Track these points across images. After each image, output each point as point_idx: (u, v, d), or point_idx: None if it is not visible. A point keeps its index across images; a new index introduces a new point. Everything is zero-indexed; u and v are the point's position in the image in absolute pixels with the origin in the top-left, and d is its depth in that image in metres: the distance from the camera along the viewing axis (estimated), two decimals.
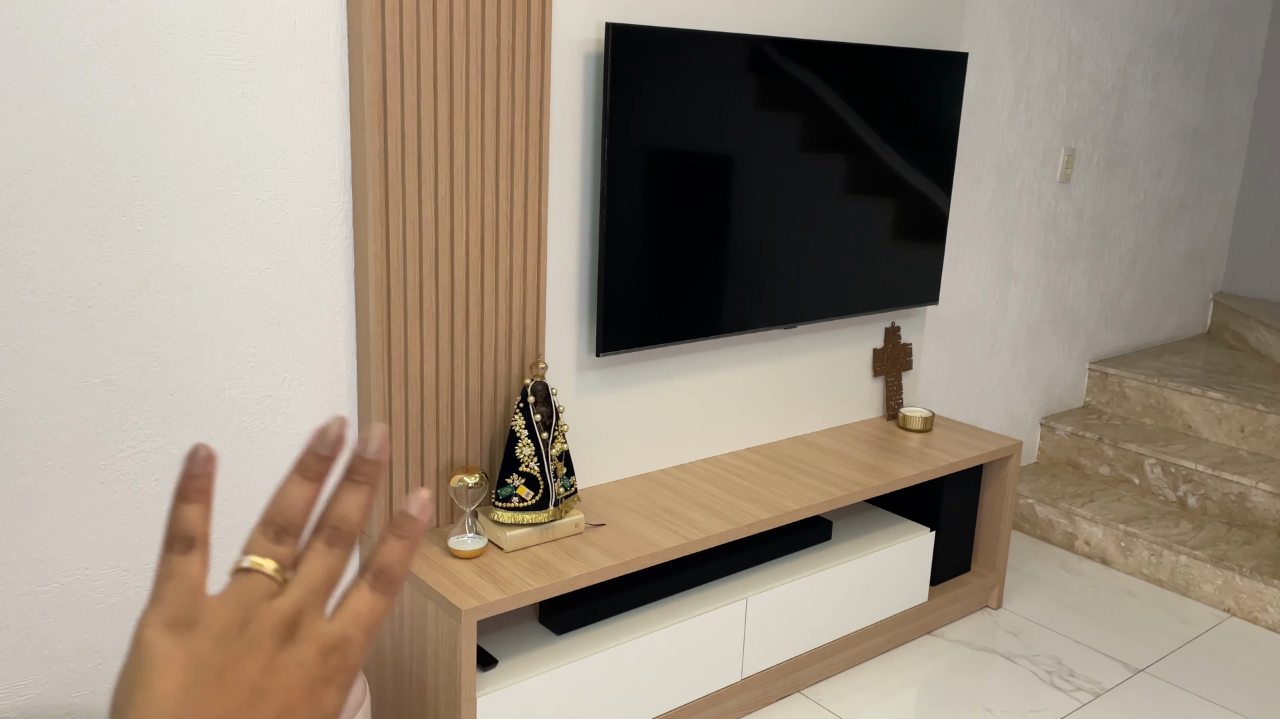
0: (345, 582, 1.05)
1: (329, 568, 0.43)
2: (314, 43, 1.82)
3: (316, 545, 0.43)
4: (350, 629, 0.43)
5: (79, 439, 1.72)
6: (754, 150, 2.37)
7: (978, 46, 3.06)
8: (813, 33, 2.54)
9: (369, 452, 0.44)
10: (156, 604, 0.42)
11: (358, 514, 0.44)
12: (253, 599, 0.42)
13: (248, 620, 0.41)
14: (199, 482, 0.43)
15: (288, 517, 0.44)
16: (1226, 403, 3.47)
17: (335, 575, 0.43)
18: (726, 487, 2.42)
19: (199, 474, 0.43)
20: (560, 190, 2.17)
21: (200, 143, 1.74)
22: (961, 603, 2.84)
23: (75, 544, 1.75)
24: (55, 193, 1.62)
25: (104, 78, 1.63)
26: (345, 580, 1.44)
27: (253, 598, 0.42)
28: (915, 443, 2.78)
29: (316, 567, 0.43)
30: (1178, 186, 4.01)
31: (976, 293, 3.31)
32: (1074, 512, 3.29)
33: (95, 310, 1.69)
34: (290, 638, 0.42)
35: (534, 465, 2.04)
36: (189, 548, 0.43)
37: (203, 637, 0.41)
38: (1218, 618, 2.95)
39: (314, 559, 0.43)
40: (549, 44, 2.03)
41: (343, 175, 1.91)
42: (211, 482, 0.44)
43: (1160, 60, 3.72)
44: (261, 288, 1.86)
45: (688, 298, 2.34)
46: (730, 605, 2.26)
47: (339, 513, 0.44)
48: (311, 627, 0.42)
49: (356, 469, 0.44)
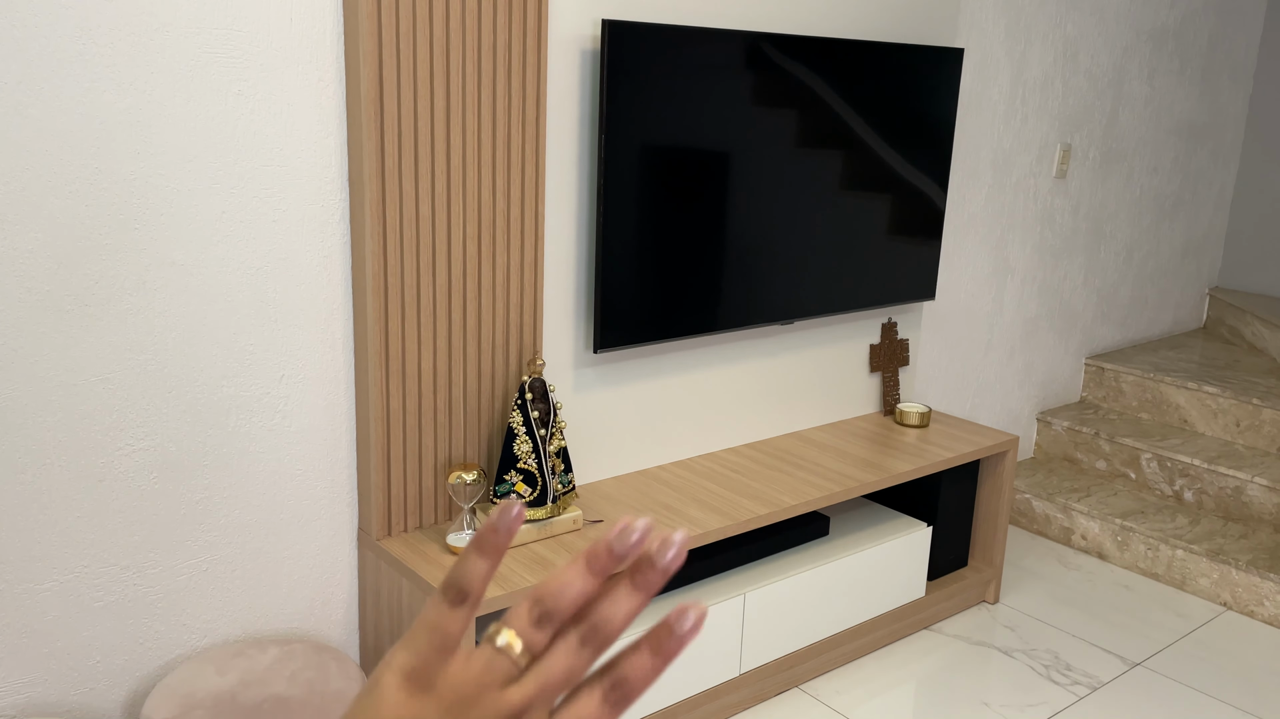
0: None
1: (571, 668, 0.41)
2: (310, 40, 1.82)
3: (570, 640, 0.41)
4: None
5: (76, 437, 1.72)
6: (750, 147, 2.37)
7: (973, 42, 3.07)
8: (809, 29, 2.54)
9: (662, 560, 0.41)
10: (406, 649, 0.41)
11: (623, 620, 0.41)
12: (491, 679, 0.40)
13: (479, 700, 0.40)
14: (498, 538, 0.42)
15: (558, 604, 0.41)
16: (1222, 397, 3.48)
17: (575, 677, 0.41)
18: (724, 483, 2.43)
19: (502, 530, 0.42)
20: (557, 187, 2.17)
21: (197, 140, 1.74)
22: (959, 598, 2.85)
23: (73, 542, 1.75)
24: (52, 191, 1.62)
25: (100, 75, 1.63)
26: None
27: (492, 678, 0.40)
28: (912, 438, 2.79)
29: (560, 664, 0.41)
30: (1173, 182, 4.01)
31: (973, 288, 3.32)
32: (1070, 506, 3.30)
33: (92, 308, 1.69)
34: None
35: (532, 462, 2.04)
36: (460, 602, 0.42)
37: (434, 704, 0.40)
38: (1214, 611, 2.96)
39: (561, 655, 0.41)
40: (545, 41, 2.03)
41: (340, 173, 1.91)
42: (509, 542, 0.43)
43: (1156, 56, 3.73)
44: (259, 285, 1.86)
45: (685, 294, 2.34)
46: (728, 601, 2.26)
47: (605, 614, 0.41)
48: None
49: (642, 573, 0.41)
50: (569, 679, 0.41)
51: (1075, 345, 3.80)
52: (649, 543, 0.42)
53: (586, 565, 0.41)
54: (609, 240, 2.18)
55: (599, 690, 0.41)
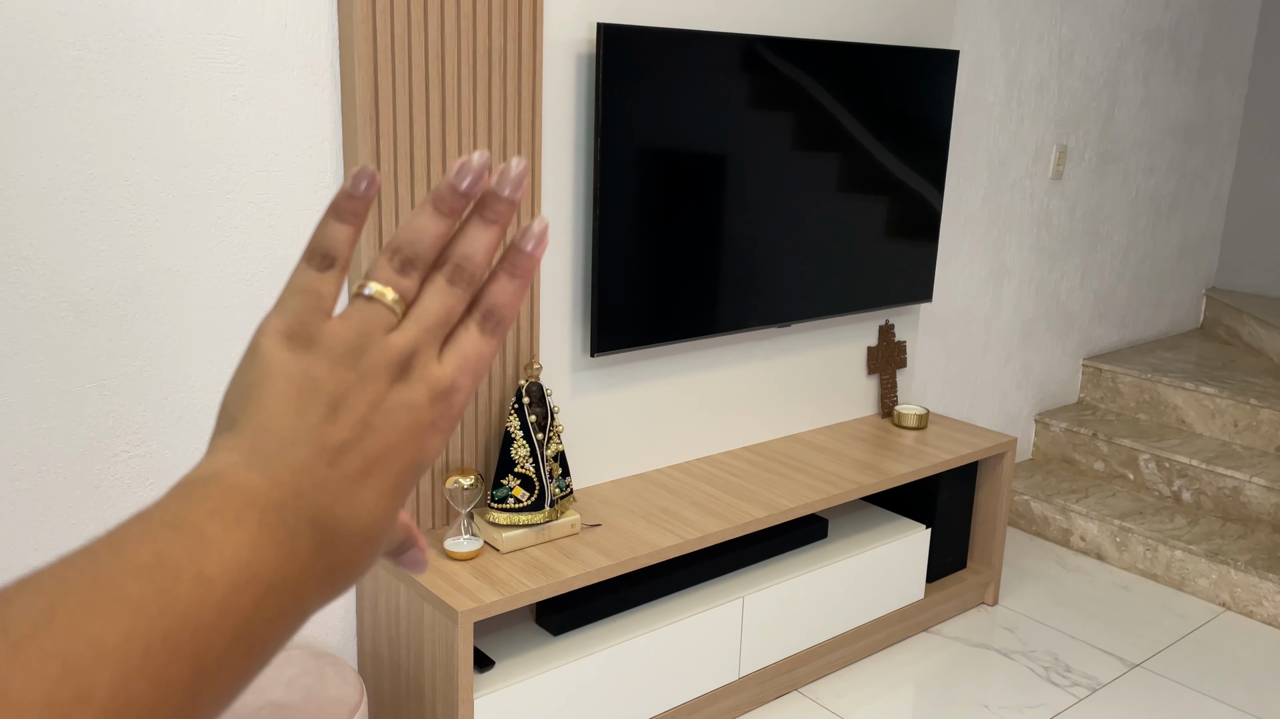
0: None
1: (447, 307, 0.41)
2: (305, 45, 1.82)
3: (437, 282, 0.42)
4: (458, 375, 0.41)
5: (72, 444, 1.72)
6: (747, 149, 2.37)
7: (969, 44, 3.07)
8: (804, 31, 2.54)
9: (504, 190, 0.42)
10: (280, 314, 0.40)
11: (484, 254, 0.42)
12: (371, 328, 0.40)
13: (364, 350, 0.40)
14: (356, 203, 0.42)
15: (415, 249, 0.42)
16: (1220, 398, 3.48)
17: (452, 316, 0.42)
18: (722, 486, 2.42)
19: (358, 196, 0.42)
20: (554, 191, 2.17)
21: (192, 146, 1.74)
22: (958, 599, 2.84)
23: (68, 550, 1.75)
24: (47, 198, 1.62)
25: (95, 82, 1.63)
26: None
27: (371, 327, 0.40)
28: (910, 440, 2.79)
29: (435, 305, 0.41)
30: (1169, 182, 4.02)
31: (970, 290, 3.32)
32: (1069, 507, 3.30)
33: (88, 315, 1.69)
34: (403, 377, 0.40)
35: (529, 466, 2.04)
36: (328, 265, 0.42)
37: (319, 358, 0.39)
38: (1213, 612, 2.96)
39: (433, 296, 0.41)
40: (540, 45, 2.03)
41: (335, 178, 1.90)
42: (368, 206, 0.43)
43: (1151, 56, 3.73)
44: (255, 291, 1.85)
45: (682, 297, 2.34)
46: (727, 604, 2.26)
47: (465, 250, 0.42)
48: (424, 368, 0.40)
49: (489, 207, 0.42)
50: (447, 318, 0.41)
51: (1072, 346, 3.80)
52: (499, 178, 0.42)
53: (435, 208, 0.42)
54: (606, 244, 2.18)
55: (473, 323, 0.42)
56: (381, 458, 0.39)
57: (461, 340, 0.42)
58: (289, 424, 0.38)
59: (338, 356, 0.39)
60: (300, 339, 0.40)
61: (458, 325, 0.42)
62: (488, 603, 1.84)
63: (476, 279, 0.42)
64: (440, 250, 0.42)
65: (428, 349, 0.41)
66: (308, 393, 0.39)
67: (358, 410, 0.39)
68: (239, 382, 0.39)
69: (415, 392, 0.40)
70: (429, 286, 0.42)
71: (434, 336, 0.41)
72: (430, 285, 0.42)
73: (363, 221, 0.42)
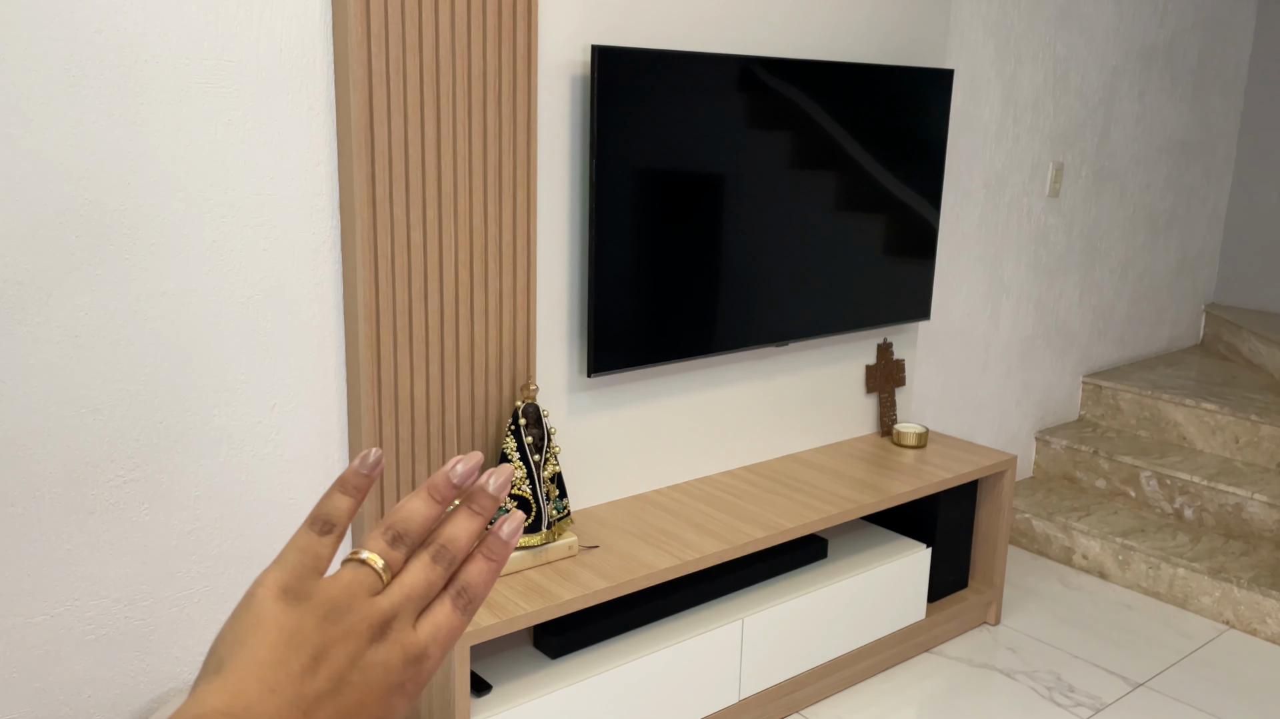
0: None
1: (428, 581, 0.46)
2: (300, 68, 1.83)
3: (423, 558, 0.47)
4: (430, 643, 0.45)
5: (67, 469, 1.71)
6: (743, 169, 2.38)
7: (964, 63, 3.08)
8: (798, 52, 2.55)
9: (491, 487, 0.48)
10: (279, 569, 0.45)
11: (467, 540, 0.48)
12: (358, 590, 0.45)
13: (350, 609, 0.44)
14: (361, 480, 0.48)
15: (408, 527, 0.47)
16: (1221, 414, 3.47)
17: (432, 589, 0.46)
18: (721, 506, 2.41)
19: (364, 474, 0.48)
20: (549, 211, 2.18)
21: (188, 170, 1.74)
22: (959, 619, 2.83)
23: (64, 575, 1.74)
24: (43, 222, 1.62)
25: (91, 107, 1.63)
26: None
27: (358, 588, 0.45)
28: (910, 459, 2.78)
29: (418, 577, 0.46)
30: (1166, 199, 4.02)
31: (968, 308, 3.32)
32: (1071, 525, 3.29)
33: (83, 339, 1.69)
34: (381, 638, 0.44)
35: (526, 488, 2.03)
36: (328, 531, 0.47)
37: (310, 613, 0.43)
38: (1217, 630, 2.94)
39: (418, 570, 0.46)
40: (535, 67, 2.04)
41: (330, 201, 1.91)
42: (371, 484, 0.49)
43: (1146, 74, 3.75)
44: (250, 314, 1.85)
45: (678, 317, 2.34)
46: (726, 626, 2.24)
47: (451, 534, 0.47)
48: (401, 632, 0.45)
49: (477, 500, 0.48)
50: (428, 590, 0.46)
51: (1072, 363, 3.79)
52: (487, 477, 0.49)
53: (429, 494, 0.48)
54: (602, 264, 2.18)
55: (449, 598, 0.47)
56: (351, 714, 0.43)
57: (437, 612, 0.46)
58: (272, 673, 0.42)
59: (326, 612, 0.44)
60: (294, 593, 0.44)
61: (435, 599, 0.47)
62: (484, 626, 1.83)
63: (457, 560, 0.48)
64: (428, 531, 0.48)
65: (406, 616, 0.45)
66: (294, 643, 0.42)
67: (337, 664, 0.43)
68: (233, 626, 0.43)
69: (391, 653, 0.44)
70: (415, 561, 0.47)
71: (414, 606, 0.46)
72: (416, 560, 0.47)
73: (364, 495, 0.48)
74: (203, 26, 1.71)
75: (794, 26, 2.52)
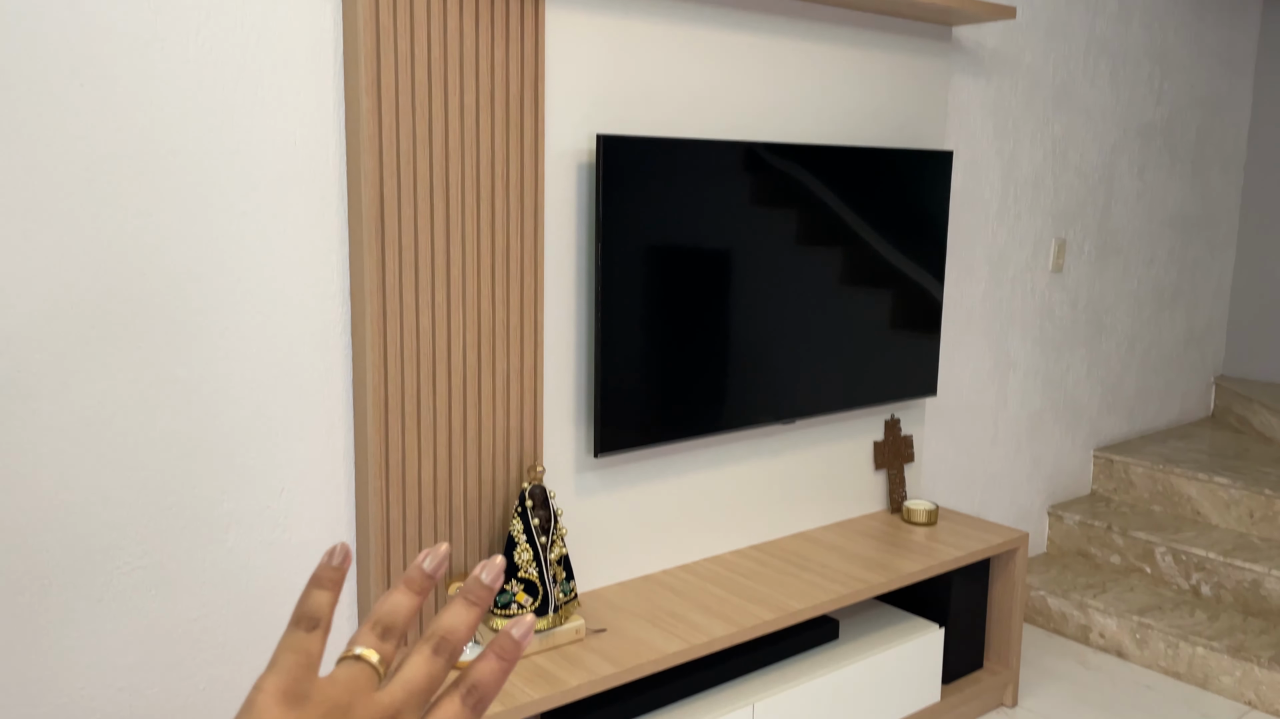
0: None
1: (430, 674, 0.46)
2: (313, 160, 1.88)
3: (423, 651, 0.46)
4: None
5: (75, 557, 1.72)
6: (747, 252, 2.41)
7: (963, 144, 3.14)
8: (800, 137, 2.61)
9: (485, 578, 0.48)
10: (275, 673, 0.44)
11: (464, 630, 0.47)
12: (359, 687, 0.44)
13: (351, 707, 0.44)
14: (333, 573, 0.48)
15: (393, 619, 0.47)
16: (1234, 488, 3.45)
17: (435, 683, 0.46)
18: (729, 586, 2.39)
19: (335, 568, 0.48)
20: (556, 294, 2.21)
21: (202, 259, 1.78)
22: (976, 701, 2.77)
23: (71, 664, 1.73)
24: (59, 312, 1.66)
25: (109, 199, 1.68)
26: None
27: (359, 685, 0.44)
28: (920, 537, 2.76)
29: (420, 671, 0.46)
30: (1170, 272, 4.05)
31: (975, 383, 3.32)
32: (1086, 603, 3.24)
33: (95, 427, 1.71)
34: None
35: (533, 571, 2.02)
36: (313, 627, 0.47)
37: (311, 713, 0.43)
38: (1239, 711, 2.88)
39: (418, 663, 0.46)
40: (543, 156, 2.09)
41: (341, 287, 1.94)
42: (344, 575, 0.49)
43: (1145, 151, 3.80)
44: (260, 400, 1.87)
45: (685, 396, 2.35)
46: (737, 711, 2.21)
47: (449, 624, 0.47)
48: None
49: (473, 590, 0.48)
50: (430, 683, 0.46)
51: (1083, 437, 3.78)
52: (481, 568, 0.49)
53: (406, 586, 0.48)
54: (608, 345, 2.20)
55: (458, 695, 0.46)
56: None
57: (445, 708, 0.46)
58: None
59: (326, 711, 0.44)
60: (294, 696, 0.44)
61: (443, 695, 0.46)
62: (491, 715, 1.81)
63: (457, 652, 0.47)
64: (412, 621, 0.48)
65: (410, 711, 0.45)
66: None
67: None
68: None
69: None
70: (415, 655, 0.46)
71: (417, 701, 0.45)
72: (416, 653, 0.46)
73: (339, 588, 0.49)
74: (219, 122, 1.77)
75: (795, 114, 2.58)
